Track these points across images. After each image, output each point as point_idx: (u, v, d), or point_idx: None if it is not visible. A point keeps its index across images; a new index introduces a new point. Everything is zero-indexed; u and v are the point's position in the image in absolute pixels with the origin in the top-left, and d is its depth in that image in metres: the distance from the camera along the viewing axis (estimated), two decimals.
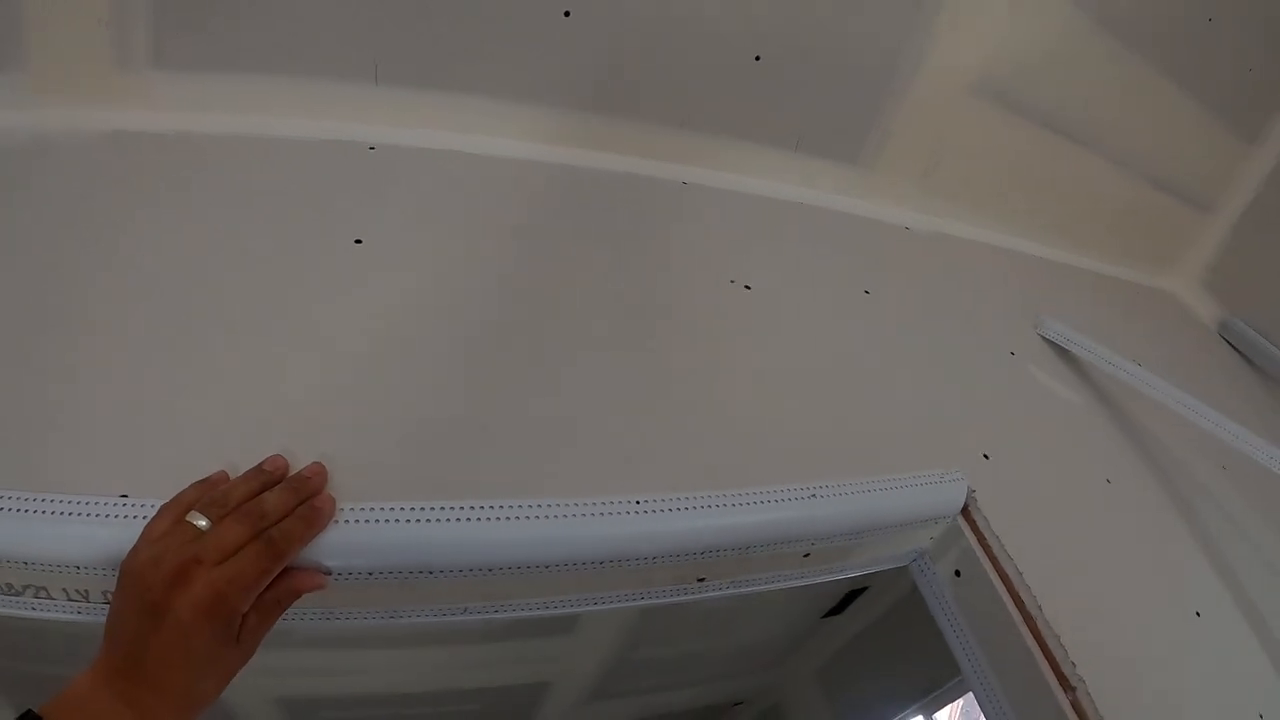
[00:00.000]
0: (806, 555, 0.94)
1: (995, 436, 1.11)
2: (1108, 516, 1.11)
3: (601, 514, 0.81)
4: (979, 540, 0.99)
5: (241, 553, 0.65)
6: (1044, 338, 1.37)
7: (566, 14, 1.20)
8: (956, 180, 1.52)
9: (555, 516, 0.79)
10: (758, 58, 1.29)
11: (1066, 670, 0.87)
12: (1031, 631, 0.91)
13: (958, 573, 1.01)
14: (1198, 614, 1.05)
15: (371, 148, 1.20)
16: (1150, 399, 1.24)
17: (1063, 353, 1.35)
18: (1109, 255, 1.81)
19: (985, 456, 1.07)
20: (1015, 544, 0.96)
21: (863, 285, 1.29)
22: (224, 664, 0.66)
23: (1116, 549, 1.07)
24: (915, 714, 2.00)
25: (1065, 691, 0.86)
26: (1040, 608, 0.91)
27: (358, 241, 1.03)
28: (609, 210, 1.26)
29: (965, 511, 1.01)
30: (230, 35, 1.12)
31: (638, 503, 0.83)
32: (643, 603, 0.91)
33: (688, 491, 0.85)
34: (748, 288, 1.18)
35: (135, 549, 0.64)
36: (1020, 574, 0.94)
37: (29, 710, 0.56)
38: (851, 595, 1.99)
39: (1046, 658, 0.89)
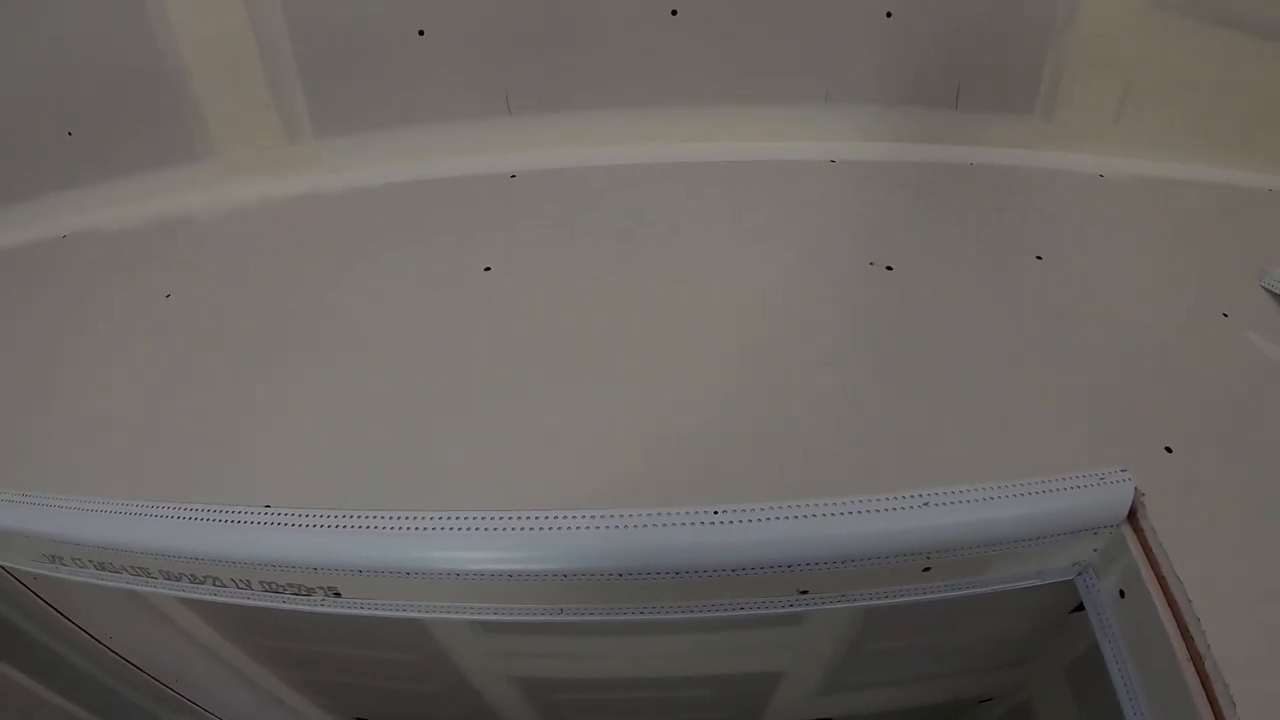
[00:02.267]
0: (926, 570, 0.87)
1: (1186, 424, 0.93)
2: None
3: (674, 524, 0.81)
4: (1145, 554, 0.84)
5: None
6: (1271, 292, 1.11)
7: (674, 13, 1.19)
8: (1155, 113, 1.27)
9: (626, 527, 0.81)
10: (889, 14, 1.19)
11: None
12: (1198, 676, 0.75)
13: (1122, 593, 0.87)
14: None
15: (513, 175, 1.28)
16: None
17: None
18: None
19: (1168, 450, 0.90)
20: (1192, 561, 0.80)
21: (1033, 250, 1.14)
22: None
23: None
24: None
25: None
26: (1210, 646, 0.75)
27: (487, 269, 1.12)
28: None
29: (1131, 519, 0.86)
30: (375, 98, 1.27)
31: (717, 513, 0.81)
32: (744, 613, 0.90)
33: (773, 500, 0.82)
34: (889, 269, 1.10)
35: None
36: (1190, 601, 0.77)
37: None
38: None
39: (1213, 710, 0.73)
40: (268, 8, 1.18)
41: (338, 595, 0.93)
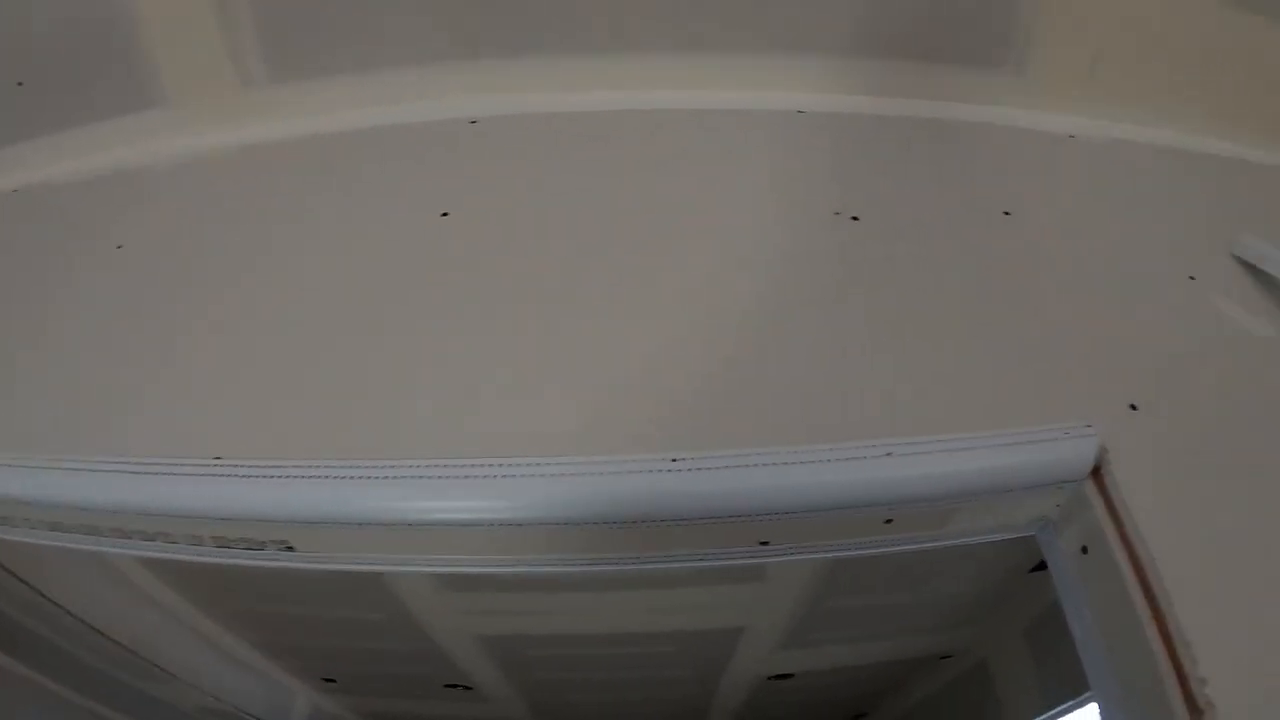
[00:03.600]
0: (888, 521, 0.85)
1: (1152, 383, 0.92)
2: None
3: (632, 472, 0.79)
4: (1109, 511, 0.82)
5: None
6: (1239, 259, 1.11)
7: None
8: (1130, 76, 1.25)
9: (583, 474, 0.79)
10: None
11: (1195, 688, 0.70)
12: (1160, 632, 0.74)
13: (1084, 549, 0.86)
14: None
15: (473, 121, 1.24)
16: None
17: (1265, 278, 1.09)
18: None
19: (1132, 407, 0.89)
20: (1156, 519, 0.79)
21: (1001, 206, 1.12)
22: None
23: None
24: None
25: (1192, 714, 0.69)
26: (1172, 604, 0.74)
27: (444, 215, 1.08)
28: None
29: (1095, 475, 0.84)
30: (334, 41, 1.22)
31: (674, 460, 0.79)
32: (703, 564, 0.88)
33: (734, 449, 0.80)
34: (855, 219, 1.08)
35: None
36: (1154, 559, 0.76)
37: None
38: None
39: (1175, 668, 0.72)
40: None
41: (290, 549, 0.90)
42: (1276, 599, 0.78)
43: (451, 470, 0.80)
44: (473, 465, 0.80)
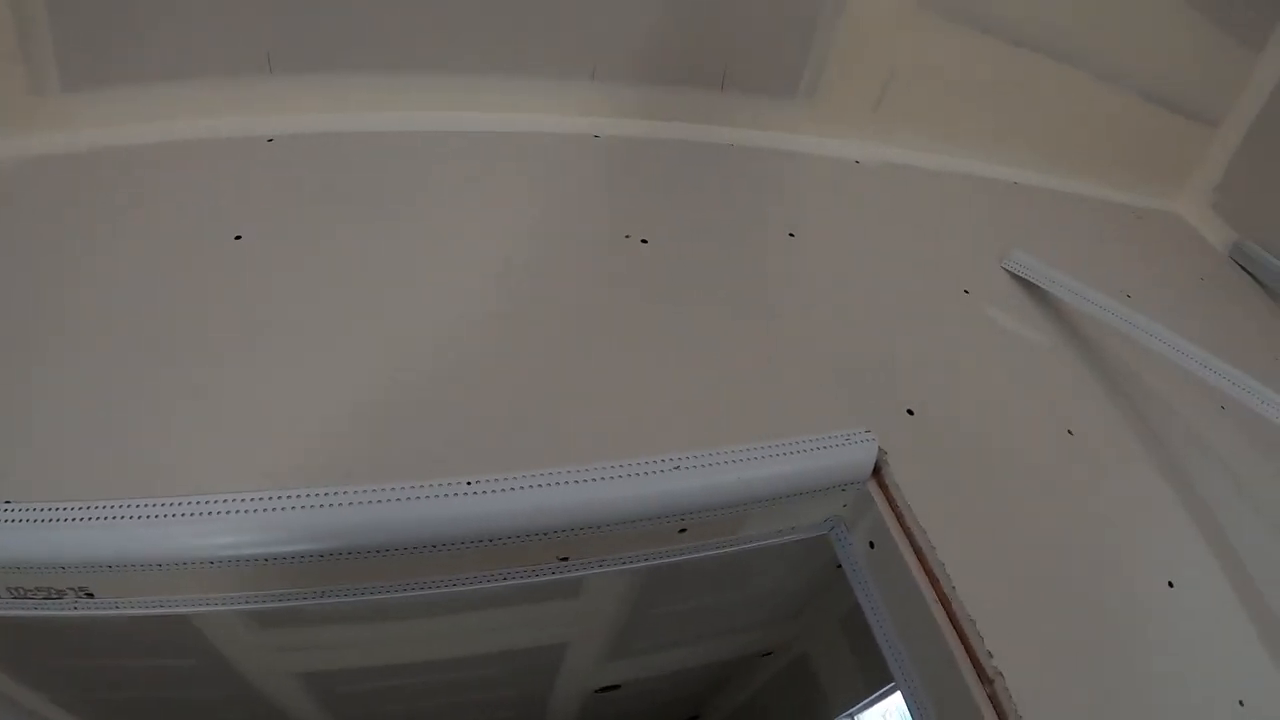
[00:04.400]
0: (682, 530, 0.87)
1: (928, 388, 0.99)
2: (1062, 473, 0.98)
3: (432, 496, 0.77)
4: (890, 507, 0.88)
5: None
6: (1010, 273, 1.22)
7: None
8: (914, 106, 1.36)
9: (384, 501, 0.76)
10: None
11: (983, 660, 0.76)
12: (947, 614, 0.80)
13: (871, 544, 0.91)
14: (1170, 584, 0.91)
15: (270, 139, 1.18)
16: (1129, 337, 1.09)
17: (1033, 289, 1.20)
18: (1102, 177, 1.61)
19: (910, 412, 0.96)
20: (935, 510, 0.85)
21: (787, 228, 1.18)
22: None
23: (1068, 511, 0.94)
24: None
25: (983, 685, 0.75)
26: (955, 587, 0.79)
27: (237, 237, 1.02)
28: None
29: (876, 475, 0.90)
30: (131, 50, 1.14)
31: (468, 484, 0.78)
32: (506, 584, 0.87)
33: (527, 470, 0.79)
34: (644, 241, 1.10)
35: None
36: (934, 547, 0.82)
37: None
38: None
39: (963, 645, 0.78)
40: None
41: (90, 596, 0.81)
42: (1042, 573, 0.86)
43: (238, 504, 0.76)
44: (271, 497, 0.77)
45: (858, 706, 2.26)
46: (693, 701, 2.80)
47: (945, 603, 0.81)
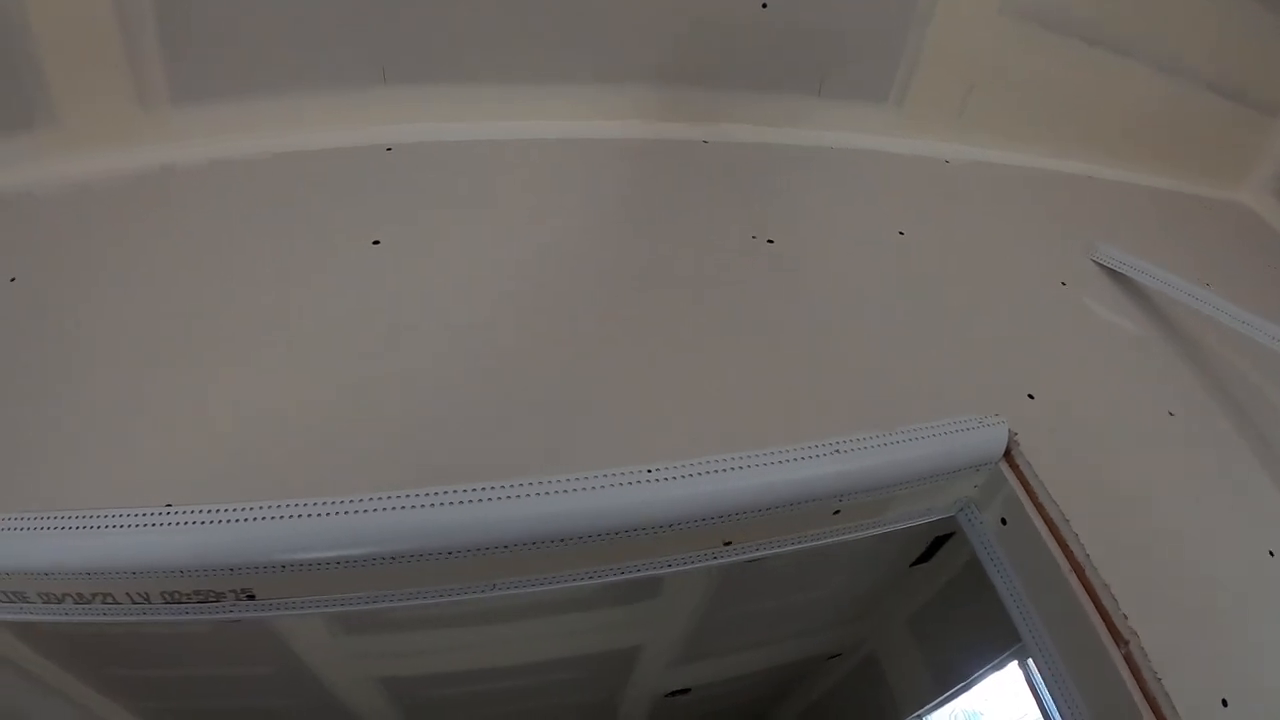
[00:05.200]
0: (836, 512, 0.92)
1: (1042, 375, 1.06)
2: (1170, 451, 1.05)
3: (612, 485, 0.81)
4: (1023, 485, 0.94)
5: None
6: (1099, 264, 1.28)
7: None
8: (995, 106, 1.43)
9: (561, 491, 0.80)
10: (764, 4, 1.25)
11: (1118, 623, 0.82)
12: (1081, 581, 0.86)
13: (1004, 520, 0.97)
14: (1271, 554, 0.97)
15: (389, 149, 1.22)
16: (1218, 323, 1.15)
17: (1121, 279, 1.27)
18: (1171, 169, 1.67)
19: (1030, 397, 1.02)
20: (1063, 487, 0.91)
21: (896, 226, 1.24)
22: None
23: (1179, 486, 1.00)
24: (1010, 659, 1.95)
25: (1119, 645, 0.81)
26: (1089, 555, 0.86)
27: (375, 242, 1.07)
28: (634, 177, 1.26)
29: (1008, 456, 0.96)
30: (243, 64, 1.17)
31: (649, 471, 0.82)
32: (671, 570, 0.92)
33: (703, 456, 0.84)
34: (770, 242, 1.16)
35: None
36: (1066, 520, 0.89)
37: None
38: (939, 541, 1.94)
39: (1098, 610, 0.84)
40: None
41: (251, 598, 0.84)
42: (1168, 536, 0.93)
43: (420, 499, 0.78)
44: (451, 492, 0.79)
45: (926, 707, 2.28)
46: (760, 705, 2.82)
47: (1079, 570, 0.87)
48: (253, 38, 1.16)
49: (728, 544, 0.91)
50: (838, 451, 0.88)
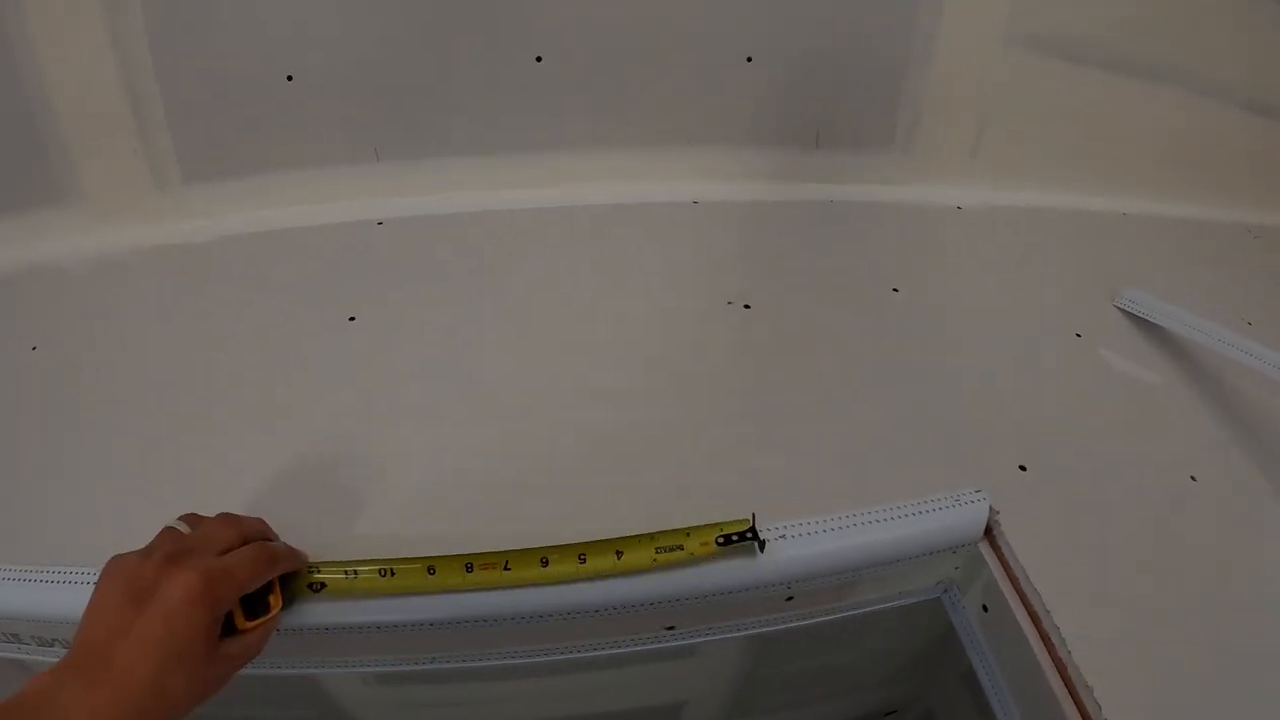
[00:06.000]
0: (789, 599, 0.87)
1: (1041, 441, 0.96)
2: (1186, 524, 0.92)
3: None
4: (1004, 569, 0.85)
5: (236, 550, 0.66)
6: (1123, 311, 1.17)
7: (538, 59, 1.21)
8: (1011, 145, 1.34)
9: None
10: (749, 59, 1.22)
11: None
12: (1063, 681, 0.76)
13: (985, 607, 0.88)
14: None
15: (380, 222, 1.28)
16: (1250, 369, 1.02)
17: (1148, 326, 1.15)
18: (1210, 197, 1.52)
19: (1021, 468, 0.93)
20: (1050, 571, 0.82)
21: (890, 283, 1.17)
22: (198, 661, 0.60)
23: (1195, 565, 0.88)
24: None
25: None
26: (1070, 652, 0.76)
27: (351, 319, 1.11)
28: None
29: (989, 535, 0.87)
30: (246, 145, 1.25)
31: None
32: (612, 652, 0.89)
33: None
34: (747, 307, 1.12)
35: (118, 555, 0.65)
36: (1048, 611, 0.79)
37: None
38: None
39: (1080, 714, 0.74)
40: (137, 51, 1.15)
41: None
42: (1168, 639, 0.81)
43: None
44: None
45: None
46: None
47: (1061, 668, 0.77)
48: (254, 122, 1.24)
49: (669, 629, 0.87)
50: (782, 537, 0.82)
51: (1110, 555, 0.87)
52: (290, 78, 1.20)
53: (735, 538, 0.78)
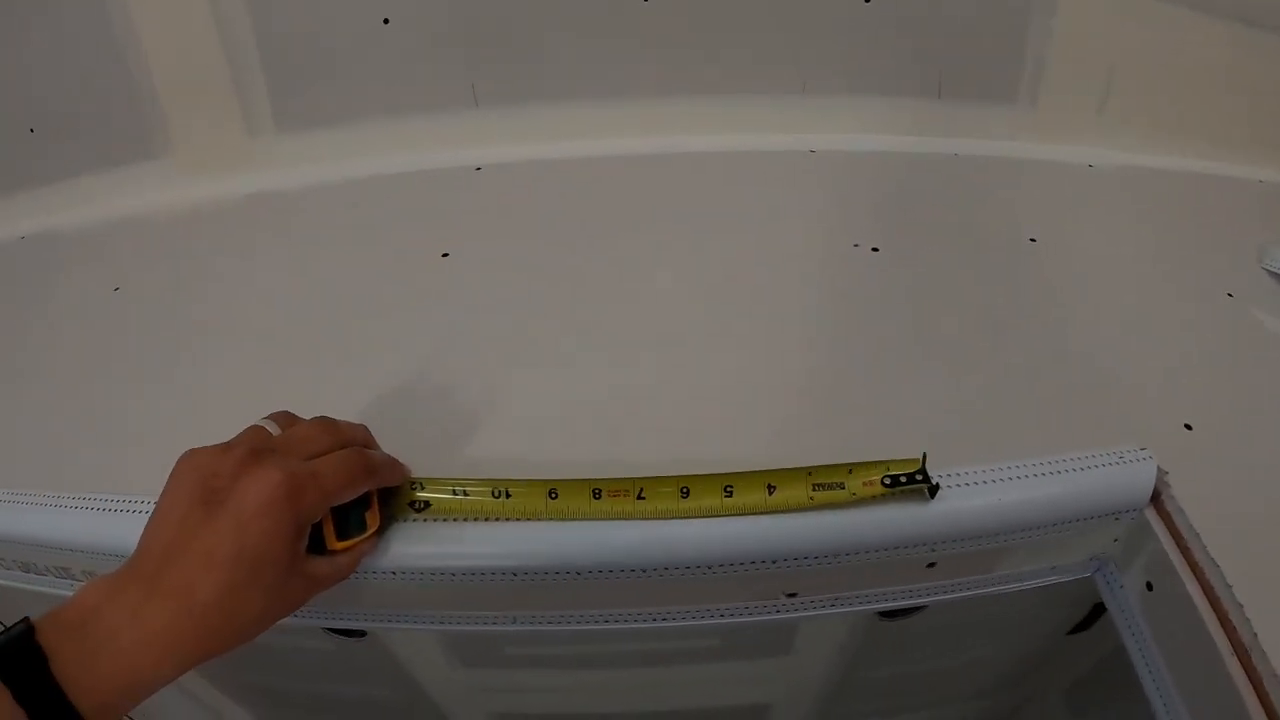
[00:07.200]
0: (931, 565, 0.77)
1: (1203, 401, 0.86)
2: None
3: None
4: (1175, 539, 0.74)
5: (329, 455, 0.58)
6: (1271, 272, 1.07)
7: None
8: (1142, 103, 1.24)
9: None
10: (866, 0, 1.15)
11: None
12: (1245, 670, 0.65)
13: (1149, 585, 0.77)
14: None
15: (478, 168, 1.24)
16: None
17: None
18: None
19: (1187, 427, 0.83)
20: (1227, 543, 0.71)
21: (1026, 233, 1.10)
22: (276, 576, 0.52)
23: None
24: None
25: None
26: (1255, 636, 0.65)
27: (444, 255, 1.08)
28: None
29: (1156, 501, 0.76)
30: (340, 93, 1.23)
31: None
32: (719, 621, 0.80)
33: None
34: (875, 250, 1.05)
35: (195, 449, 0.56)
36: (1230, 587, 0.68)
37: (25, 619, 0.47)
38: (1100, 608, 1.70)
39: (1265, 710, 0.63)
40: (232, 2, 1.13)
41: None
42: None
43: None
44: None
45: None
46: None
47: (1243, 655, 0.66)
48: (350, 67, 1.22)
49: (791, 595, 0.78)
50: (960, 485, 0.73)
51: None
52: (387, 20, 1.16)
53: (904, 479, 0.68)
